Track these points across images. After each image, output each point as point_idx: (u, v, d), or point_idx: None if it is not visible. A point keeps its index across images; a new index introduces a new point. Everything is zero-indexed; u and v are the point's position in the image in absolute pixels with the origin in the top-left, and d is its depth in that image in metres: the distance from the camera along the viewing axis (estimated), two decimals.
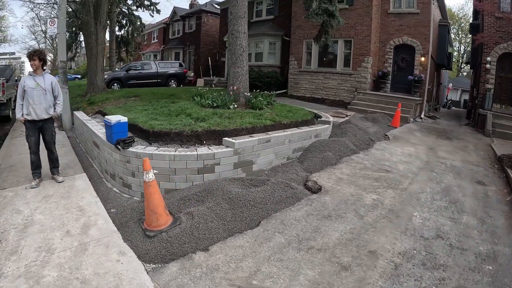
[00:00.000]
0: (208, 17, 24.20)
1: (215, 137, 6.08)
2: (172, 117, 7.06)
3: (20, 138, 8.85)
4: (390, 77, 13.67)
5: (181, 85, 22.41)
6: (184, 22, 26.10)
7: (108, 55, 23.76)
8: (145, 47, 31.59)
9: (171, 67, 21.59)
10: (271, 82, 17.25)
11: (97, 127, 6.93)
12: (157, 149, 5.55)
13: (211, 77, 23.37)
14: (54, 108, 5.32)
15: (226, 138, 5.80)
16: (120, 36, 24.50)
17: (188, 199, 4.58)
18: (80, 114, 9.73)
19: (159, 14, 23.79)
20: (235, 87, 9.38)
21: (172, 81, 20.92)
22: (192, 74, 25.92)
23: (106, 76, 20.30)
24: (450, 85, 29.14)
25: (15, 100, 15.95)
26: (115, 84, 19.00)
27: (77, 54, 26.89)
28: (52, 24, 11.41)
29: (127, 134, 5.45)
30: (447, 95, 28.09)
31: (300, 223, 4.08)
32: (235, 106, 8.40)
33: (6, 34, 32.68)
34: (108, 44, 23.69)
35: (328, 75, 15.13)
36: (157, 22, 30.81)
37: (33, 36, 37.31)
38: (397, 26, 13.33)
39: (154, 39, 30.22)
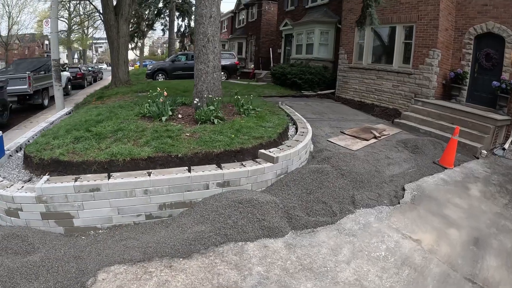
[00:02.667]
0: (270, 4, 20.89)
1: (60, 169, 4.02)
2: (72, 132, 5.00)
3: (17, 130, 9.01)
4: (467, 81, 8.66)
5: (238, 77, 20.01)
6: (247, 10, 23.33)
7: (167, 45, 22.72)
8: None
9: (222, 58, 19.34)
10: (314, 79, 13.40)
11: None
12: None
13: (263, 70, 20.37)
14: None
15: (45, 178, 3.57)
16: (183, 26, 23.18)
17: None
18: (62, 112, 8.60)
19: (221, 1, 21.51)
20: (197, 89, 6.78)
21: (222, 73, 18.60)
22: (252, 66, 23.32)
23: (151, 66, 19.21)
24: None
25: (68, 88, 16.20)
26: (160, 75, 17.62)
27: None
28: (47, 25, 10.79)
29: None
30: None
31: None
32: (179, 116, 6.00)
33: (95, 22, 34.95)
34: (168, 34, 22.66)
35: (382, 73, 10.74)
36: (229, 11, 28.71)
37: None
38: (479, 6, 8.09)
39: (224, 29, 28.23)
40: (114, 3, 13.27)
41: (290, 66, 14.87)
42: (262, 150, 4.58)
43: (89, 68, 20.57)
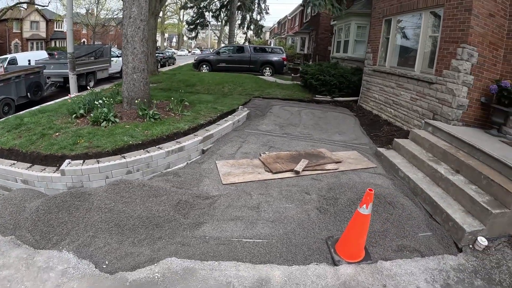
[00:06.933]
0: None
1: None
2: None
3: None
4: None
5: (291, 74, 17.60)
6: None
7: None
8: (289, 30, 27.61)
9: (269, 53, 17.29)
10: (333, 82, 10.23)
11: None
12: None
13: None
14: None
15: None
16: (247, 18, 21.62)
17: None
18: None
19: None
20: (122, 89, 6.75)
21: (267, 68, 16.64)
22: (311, 62, 20.40)
23: (196, 57, 18.41)
24: None
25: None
26: (204, 66, 16.61)
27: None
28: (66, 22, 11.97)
29: None
30: None
31: None
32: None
33: None
34: (229, 26, 21.53)
35: (402, 80, 7.20)
36: (299, 5, 25.76)
37: None
38: None
39: (296, 23, 25.48)
40: None
41: (317, 65, 11.84)
42: (68, 160, 4.25)
43: (159, 54, 20.91)
